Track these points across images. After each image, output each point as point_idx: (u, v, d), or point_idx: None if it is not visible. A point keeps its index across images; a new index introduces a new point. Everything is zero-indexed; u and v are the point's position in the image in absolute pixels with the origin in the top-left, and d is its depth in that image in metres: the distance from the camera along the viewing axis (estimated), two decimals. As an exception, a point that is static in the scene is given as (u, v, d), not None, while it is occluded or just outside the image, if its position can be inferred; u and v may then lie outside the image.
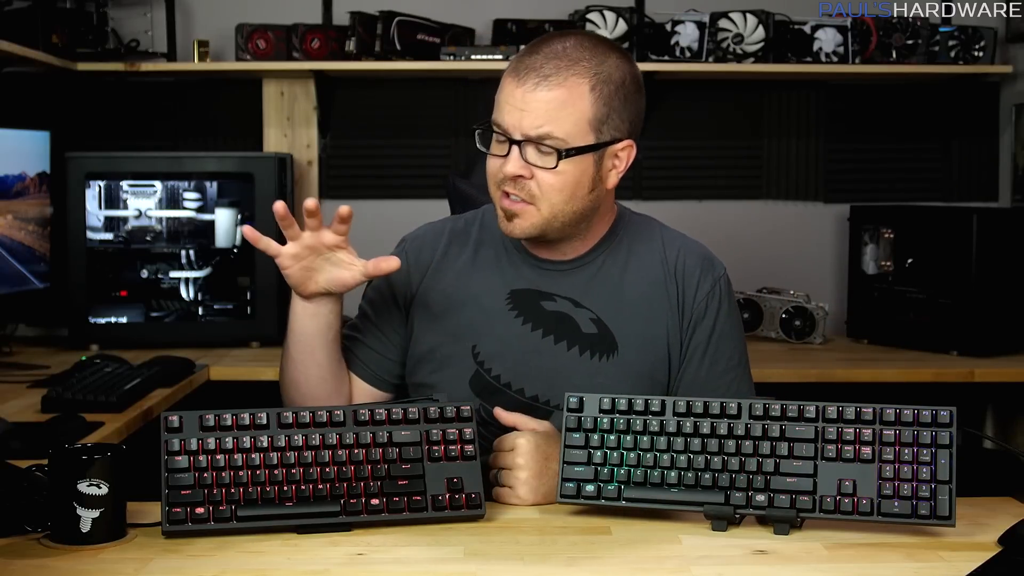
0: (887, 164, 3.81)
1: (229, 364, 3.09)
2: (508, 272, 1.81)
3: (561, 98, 1.65)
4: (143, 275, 3.40)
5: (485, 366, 1.77)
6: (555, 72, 1.66)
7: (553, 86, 1.65)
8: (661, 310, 1.79)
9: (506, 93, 1.69)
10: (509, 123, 1.67)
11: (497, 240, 1.84)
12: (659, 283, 1.80)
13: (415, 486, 1.49)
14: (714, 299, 1.80)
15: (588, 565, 1.36)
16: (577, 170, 1.69)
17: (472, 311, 1.80)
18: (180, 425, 1.48)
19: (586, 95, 1.67)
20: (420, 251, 1.86)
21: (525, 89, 1.66)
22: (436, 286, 1.83)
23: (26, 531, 1.42)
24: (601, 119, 1.69)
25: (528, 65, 1.67)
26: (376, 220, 3.38)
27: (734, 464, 1.50)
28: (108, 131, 3.63)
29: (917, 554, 1.40)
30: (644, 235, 1.85)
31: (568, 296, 1.79)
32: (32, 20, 3.19)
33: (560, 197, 1.69)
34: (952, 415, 1.48)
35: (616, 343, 1.77)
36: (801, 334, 3.52)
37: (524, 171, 1.68)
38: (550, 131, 1.65)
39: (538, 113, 1.65)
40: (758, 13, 3.49)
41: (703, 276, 1.81)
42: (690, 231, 1.93)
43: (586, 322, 1.78)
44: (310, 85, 3.64)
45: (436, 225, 1.91)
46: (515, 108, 1.67)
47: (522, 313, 1.78)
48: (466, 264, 1.84)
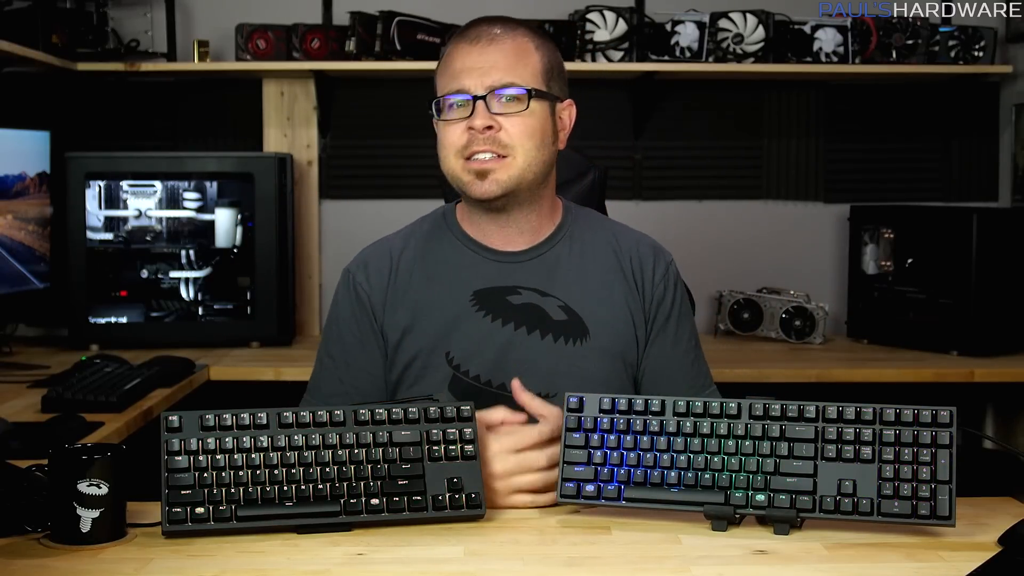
0: (887, 164, 3.81)
1: (229, 364, 3.09)
2: (466, 273, 1.82)
3: (516, 51, 1.76)
4: (143, 275, 3.40)
5: (461, 369, 1.77)
6: (503, 32, 1.77)
7: (506, 40, 1.76)
8: (621, 293, 1.83)
9: (460, 58, 1.76)
10: (470, 83, 1.73)
11: (447, 242, 1.84)
12: (615, 269, 1.84)
13: (415, 486, 1.49)
14: (669, 281, 1.87)
15: (588, 565, 1.36)
16: (542, 116, 1.76)
17: (439, 319, 1.79)
18: (180, 425, 1.48)
19: (533, 52, 1.78)
20: (369, 278, 1.84)
21: (480, 47, 1.75)
22: (398, 306, 1.81)
23: (26, 531, 1.42)
24: (548, 74, 1.78)
25: (477, 31, 1.78)
26: (376, 220, 3.37)
27: (734, 464, 1.50)
28: (108, 131, 3.63)
29: (917, 554, 1.40)
30: (592, 225, 1.90)
31: (532, 287, 1.81)
32: (32, 20, 3.19)
33: (532, 143, 1.74)
34: (952, 415, 1.48)
35: (587, 327, 1.79)
36: (801, 334, 3.52)
37: (493, 122, 1.72)
38: (512, 79, 1.74)
39: (498, 65, 1.73)
40: (758, 13, 3.50)
41: (656, 261, 1.87)
42: (690, 231, 1.95)
43: (555, 309, 1.80)
44: (310, 85, 3.64)
45: (378, 247, 1.89)
46: (473, 68, 1.74)
47: (489, 311, 1.79)
48: (422, 274, 1.83)
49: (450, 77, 1.76)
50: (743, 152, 3.78)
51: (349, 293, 1.85)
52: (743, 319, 3.61)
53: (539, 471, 1.57)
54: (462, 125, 1.73)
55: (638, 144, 3.72)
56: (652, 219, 3.55)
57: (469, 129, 1.72)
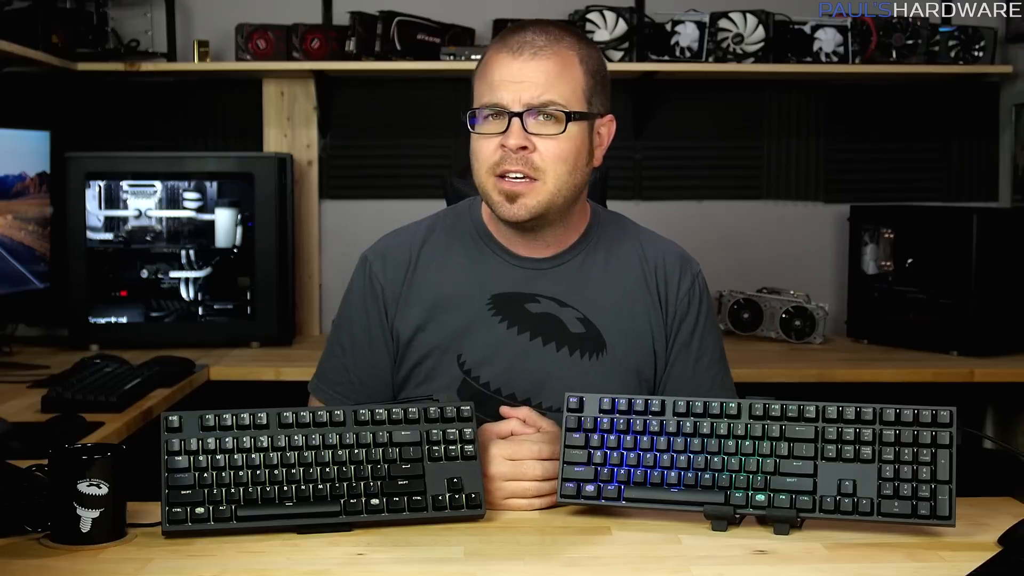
0: (887, 164, 3.81)
1: (229, 364, 3.09)
2: (487, 275, 1.79)
3: (558, 67, 1.68)
4: (143, 275, 3.40)
5: (472, 374, 1.75)
6: (548, 44, 1.69)
7: (550, 55, 1.68)
8: (644, 306, 1.79)
9: (499, 69, 1.68)
10: (507, 98, 1.67)
11: (469, 240, 1.81)
12: (639, 280, 1.81)
13: (415, 486, 1.49)
14: (695, 295, 1.82)
15: (588, 565, 1.36)
16: (578, 138, 1.70)
17: (454, 320, 1.77)
18: (180, 425, 1.48)
19: (576, 65, 1.71)
20: (387, 269, 1.81)
21: (523, 60, 1.67)
22: (413, 302, 1.79)
23: (26, 531, 1.42)
24: (590, 90, 1.72)
25: (520, 40, 1.69)
26: (376, 220, 3.37)
27: (734, 464, 1.50)
28: (108, 131, 3.63)
29: (917, 554, 1.40)
30: (620, 234, 1.85)
31: (552, 296, 1.78)
32: (32, 20, 3.19)
33: (564, 167, 1.69)
34: (952, 415, 1.48)
35: (604, 341, 1.77)
36: (801, 334, 3.52)
37: (527, 142, 1.66)
38: (552, 98, 1.67)
39: (538, 82, 1.67)
40: (758, 13, 3.49)
41: (683, 274, 1.83)
42: (690, 231, 1.94)
43: (573, 321, 1.77)
44: (310, 85, 3.64)
45: (399, 237, 1.86)
46: (512, 81, 1.67)
47: (506, 317, 1.76)
48: (440, 272, 1.80)
49: (488, 88, 1.69)
50: (743, 152, 3.78)
51: (364, 282, 1.82)
52: (743, 319, 3.61)
53: (533, 480, 1.57)
54: (496, 141, 1.68)
55: (638, 144, 3.72)
56: (652, 219, 3.50)
57: (502, 146, 1.67)
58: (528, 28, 1.72)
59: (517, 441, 1.61)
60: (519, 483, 1.56)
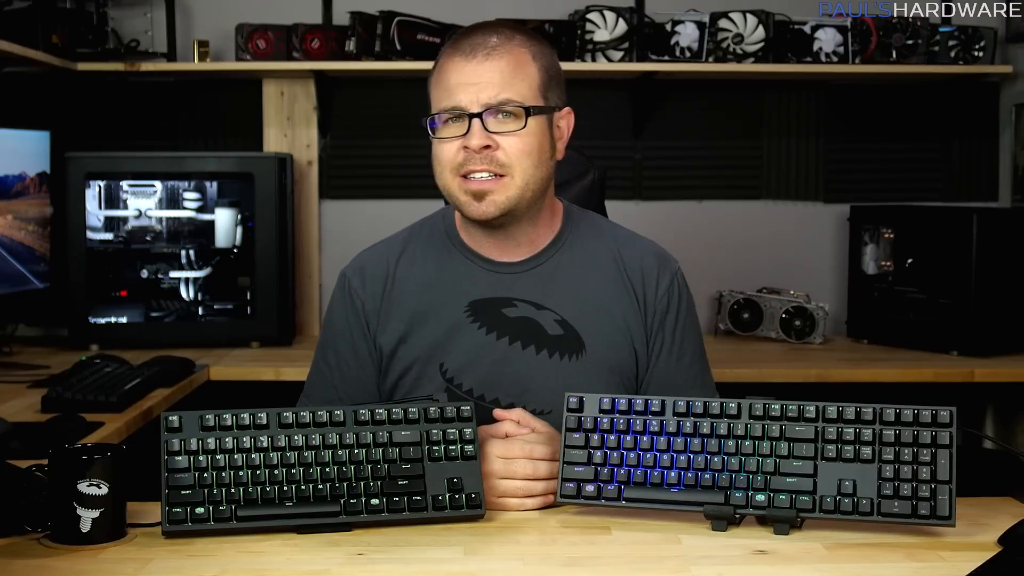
0: (887, 164, 3.81)
1: (229, 364, 3.09)
2: (463, 283, 1.79)
3: (512, 65, 1.70)
4: (143, 275, 3.40)
5: (455, 382, 1.76)
6: (500, 43, 1.71)
7: (503, 54, 1.70)
8: (621, 306, 1.80)
9: (455, 73, 1.70)
10: (465, 100, 1.69)
11: (444, 249, 1.82)
12: (616, 280, 1.81)
13: (415, 486, 1.49)
14: (674, 294, 1.82)
15: (588, 565, 1.36)
16: (540, 132, 1.72)
17: (433, 330, 1.78)
18: (180, 425, 1.48)
19: (530, 62, 1.72)
20: (365, 285, 1.82)
21: (477, 62, 1.69)
22: (393, 315, 1.80)
23: (26, 531, 1.42)
24: (545, 85, 1.74)
25: (472, 42, 1.71)
26: (376, 220, 3.38)
27: (734, 464, 1.50)
28: (108, 131, 3.63)
29: (917, 554, 1.40)
30: (594, 233, 1.86)
31: (529, 299, 1.78)
32: (32, 20, 3.19)
33: (530, 161, 1.70)
34: (952, 415, 1.48)
35: (583, 342, 1.77)
36: (801, 334, 3.52)
37: (490, 141, 1.68)
38: (509, 96, 1.69)
39: (494, 82, 1.69)
40: (758, 13, 3.49)
41: (661, 272, 1.82)
42: (690, 231, 1.94)
43: (551, 324, 1.77)
44: (310, 85, 3.64)
45: (376, 252, 1.87)
46: (469, 83, 1.69)
47: (484, 323, 1.77)
48: (418, 283, 1.81)
49: (445, 92, 1.71)
50: (743, 152, 3.78)
51: (344, 298, 1.84)
52: (743, 319, 3.61)
53: (525, 479, 1.57)
54: (457, 143, 1.69)
55: (638, 144, 3.72)
56: (652, 219, 3.55)
57: (465, 148, 1.69)
58: (479, 30, 1.74)
59: (511, 440, 1.62)
60: (511, 482, 1.57)
